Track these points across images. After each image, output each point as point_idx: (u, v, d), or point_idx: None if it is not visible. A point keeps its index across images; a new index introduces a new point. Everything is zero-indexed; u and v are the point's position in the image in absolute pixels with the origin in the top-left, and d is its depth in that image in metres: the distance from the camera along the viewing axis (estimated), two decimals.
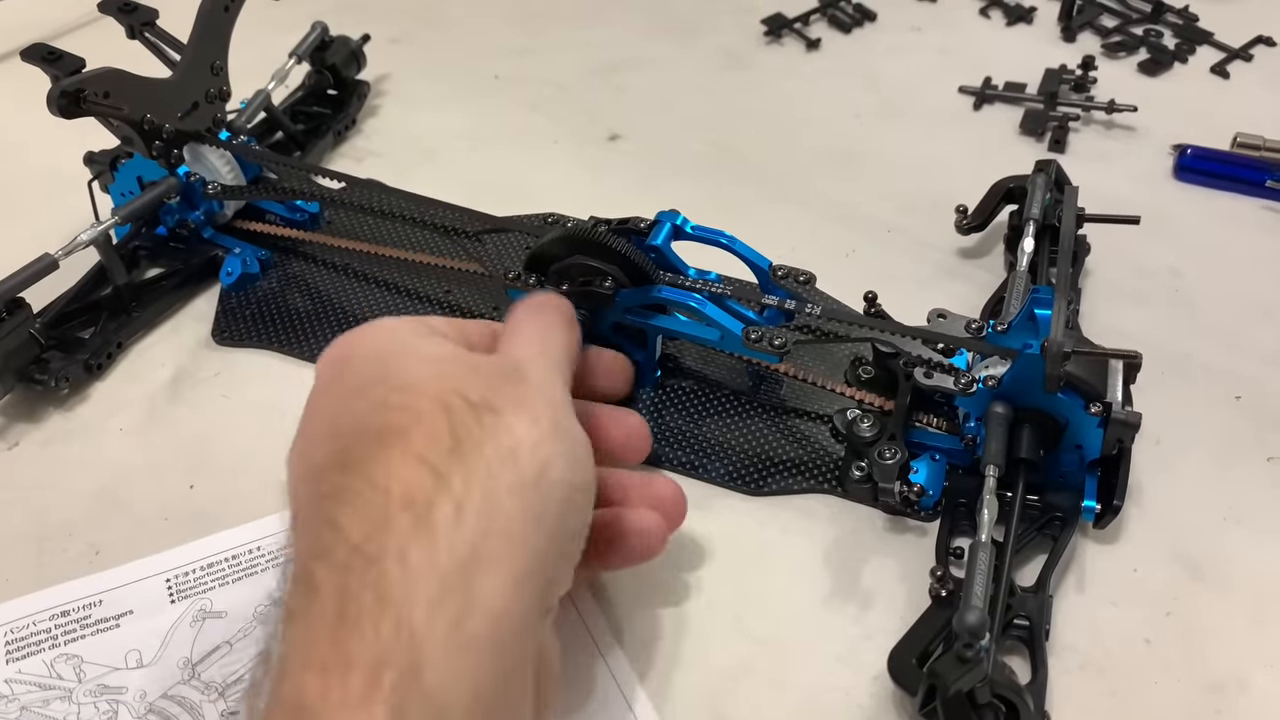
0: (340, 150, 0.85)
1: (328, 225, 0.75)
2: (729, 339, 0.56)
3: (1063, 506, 0.54)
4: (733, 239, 0.59)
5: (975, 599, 0.44)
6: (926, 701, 0.45)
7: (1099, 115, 0.85)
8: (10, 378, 0.61)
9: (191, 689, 0.49)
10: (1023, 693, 0.45)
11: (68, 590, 0.53)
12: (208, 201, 0.70)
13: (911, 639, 0.49)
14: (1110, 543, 0.55)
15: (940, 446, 0.56)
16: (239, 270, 0.70)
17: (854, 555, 0.55)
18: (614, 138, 0.85)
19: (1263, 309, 0.69)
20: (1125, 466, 0.53)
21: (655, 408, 0.62)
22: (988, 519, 0.48)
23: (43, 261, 0.61)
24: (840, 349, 0.63)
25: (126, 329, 0.66)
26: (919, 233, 0.74)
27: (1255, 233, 0.75)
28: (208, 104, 0.70)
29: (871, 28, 0.98)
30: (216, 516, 0.56)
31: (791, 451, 0.59)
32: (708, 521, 0.56)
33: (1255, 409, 0.62)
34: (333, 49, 0.85)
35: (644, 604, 0.53)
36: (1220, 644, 0.51)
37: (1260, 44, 0.93)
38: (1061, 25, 0.97)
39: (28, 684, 0.50)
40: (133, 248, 0.71)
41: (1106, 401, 0.51)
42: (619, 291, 0.57)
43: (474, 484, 0.37)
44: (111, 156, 0.70)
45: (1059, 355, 0.48)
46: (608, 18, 1.01)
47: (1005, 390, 0.52)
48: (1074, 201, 0.63)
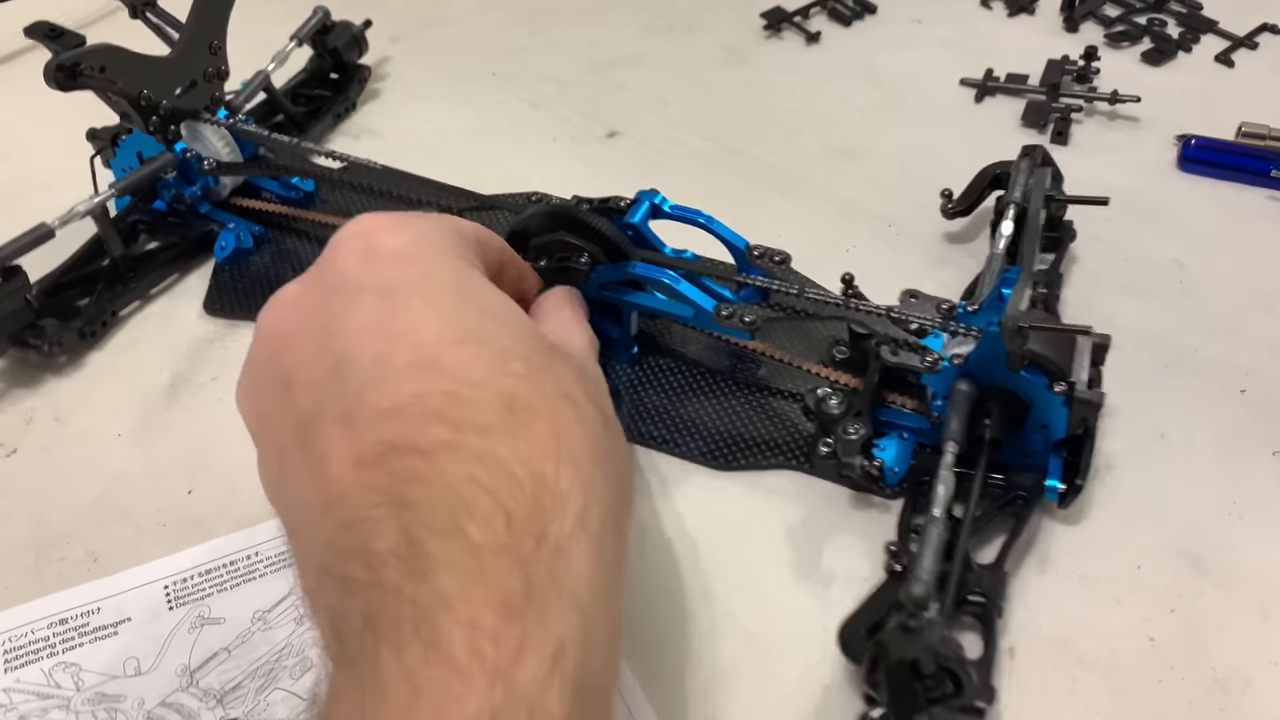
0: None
1: (323, 204, 0.76)
2: (701, 315, 0.58)
3: (1026, 486, 0.54)
4: (710, 218, 0.60)
5: (923, 571, 0.45)
6: (872, 671, 0.46)
7: (1102, 106, 0.84)
8: (4, 341, 0.62)
9: (190, 696, 0.49)
10: (967, 665, 0.44)
11: (66, 598, 0.53)
12: (204, 177, 0.71)
13: (863, 612, 0.50)
14: (1112, 539, 0.55)
15: (909, 426, 0.57)
16: (232, 245, 0.71)
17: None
18: (613, 134, 0.85)
19: (1268, 301, 0.68)
20: (1090, 446, 0.53)
21: (632, 384, 0.63)
22: (943, 494, 0.48)
23: (39, 230, 0.63)
24: (819, 331, 0.64)
25: (122, 299, 0.68)
26: (920, 227, 0.74)
27: (1261, 223, 0.74)
28: (205, 83, 0.71)
29: (872, 20, 0.98)
30: (215, 522, 0.56)
31: (765, 429, 0.60)
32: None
33: (1260, 402, 0.61)
34: (334, 33, 0.87)
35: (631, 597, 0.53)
36: (1225, 641, 0.50)
37: (1265, 32, 0.92)
38: (1064, 15, 0.96)
39: (26, 693, 0.50)
40: (131, 222, 0.72)
41: (1071, 381, 0.51)
42: (595, 267, 0.58)
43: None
44: (113, 133, 0.72)
45: (1014, 330, 0.48)
46: (606, 14, 1.00)
47: (971, 368, 0.53)
48: (1043, 182, 0.64)
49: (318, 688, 0.40)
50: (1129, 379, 0.63)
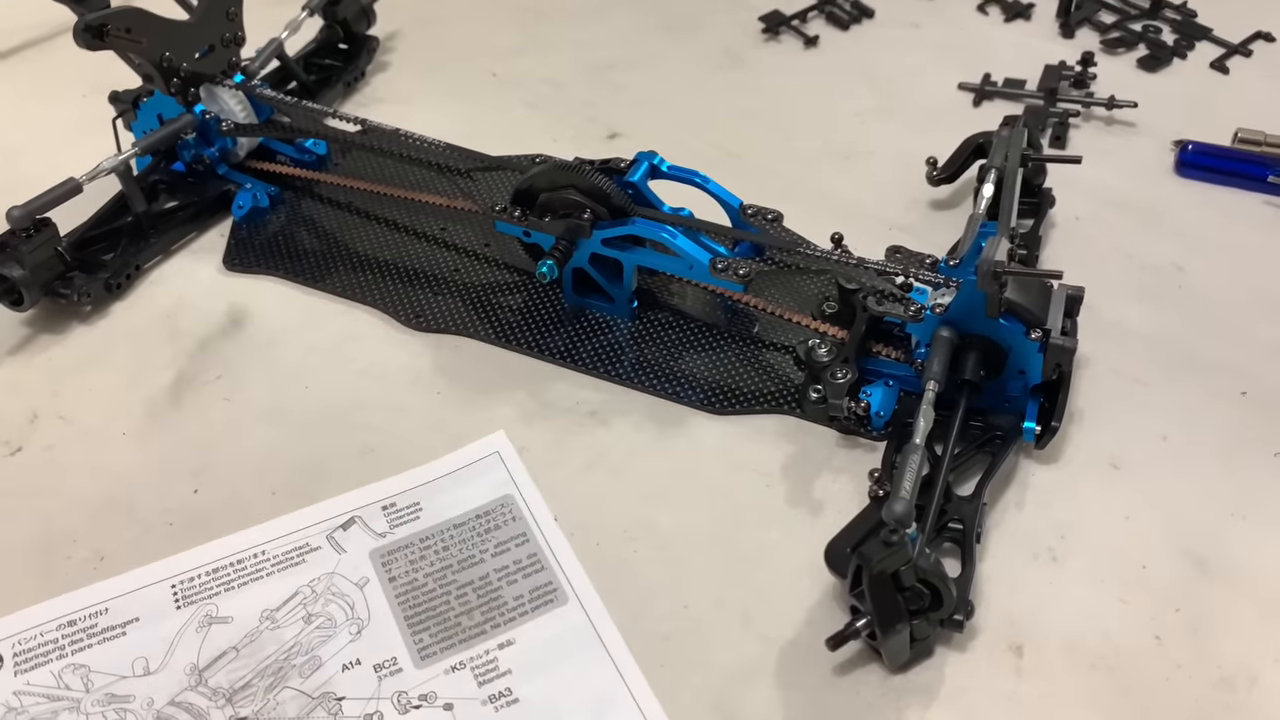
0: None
1: (335, 167, 0.80)
2: (697, 269, 0.62)
3: (1004, 428, 0.58)
4: (706, 178, 0.65)
5: (904, 491, 0.48)
6: (855, 584, 0.48)
7: (1099, 111, 0.85)
8: (37, 290, 0.66)
9: (198, 695, 0.49)
10: (946, 580, 0.48)
11: (74, 599, 0.53)
12: (222, 139, 0.75)
13: (848, 533, 0.54)
14: (1119, 539, 0.55)
15: (894, 374, 0.61)
16: (249, 204, 0.75)
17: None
18: (613, 136, 0.85)
19: (1266, 304, 0.69)
20: (1065, 391, 0.58)
21: (634, 338, 0.67)
22: (923, 425, 0.52)
23: (67, 185, 0.67)
24: (809, 287, 0.69)
25: (145, 253, 0.72)
26: (919, 229, 0.74)
27: (1257, 228, 0.75)
28: (223, 47, 0.74)
29: (870, 24, 0.98)
30: (221, 521, 0.56)
31: (758, 378, 0.64)
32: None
33: (1261, 404, 0.62)
34: (344, 4, 0.89)
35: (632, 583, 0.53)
36: (1229, 640, 0.51)
37: (1259, 39, 0.93)
38: (1060, 21, 0.96)
39: (36, 695, 0.49)
40: (152, 181, 0.76)
41: (1046, 328, 0.55)
42: (596, 223, 0.62)
43: None
44: (134, 96, 0.75)
45: (989, 273, 0.52)
46: (605, 16, 1.00)
47: (952, 316, 0.57)
48: (1020, 142, 0.67)
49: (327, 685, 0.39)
50: (1130, 380, 0.63)
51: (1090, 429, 0.61)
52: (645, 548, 0.56)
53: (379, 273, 0.72)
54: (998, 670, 0.50)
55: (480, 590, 0.54)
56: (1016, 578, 0.54)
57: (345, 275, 0.71)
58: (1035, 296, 0.56)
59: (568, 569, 0.54)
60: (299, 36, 0.85)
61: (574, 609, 0.53)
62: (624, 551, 0.55)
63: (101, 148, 0.72)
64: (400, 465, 0.59)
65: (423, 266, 0.72)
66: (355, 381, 0.65)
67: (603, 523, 0.57)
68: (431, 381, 0.65)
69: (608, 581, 0.54)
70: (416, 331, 0.68)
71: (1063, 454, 0.59)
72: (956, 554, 0.53)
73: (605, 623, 0.52)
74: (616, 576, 0.54)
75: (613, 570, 0.54)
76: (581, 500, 0.58)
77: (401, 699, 0.49)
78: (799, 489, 0.58)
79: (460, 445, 0.60)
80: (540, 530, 0.56)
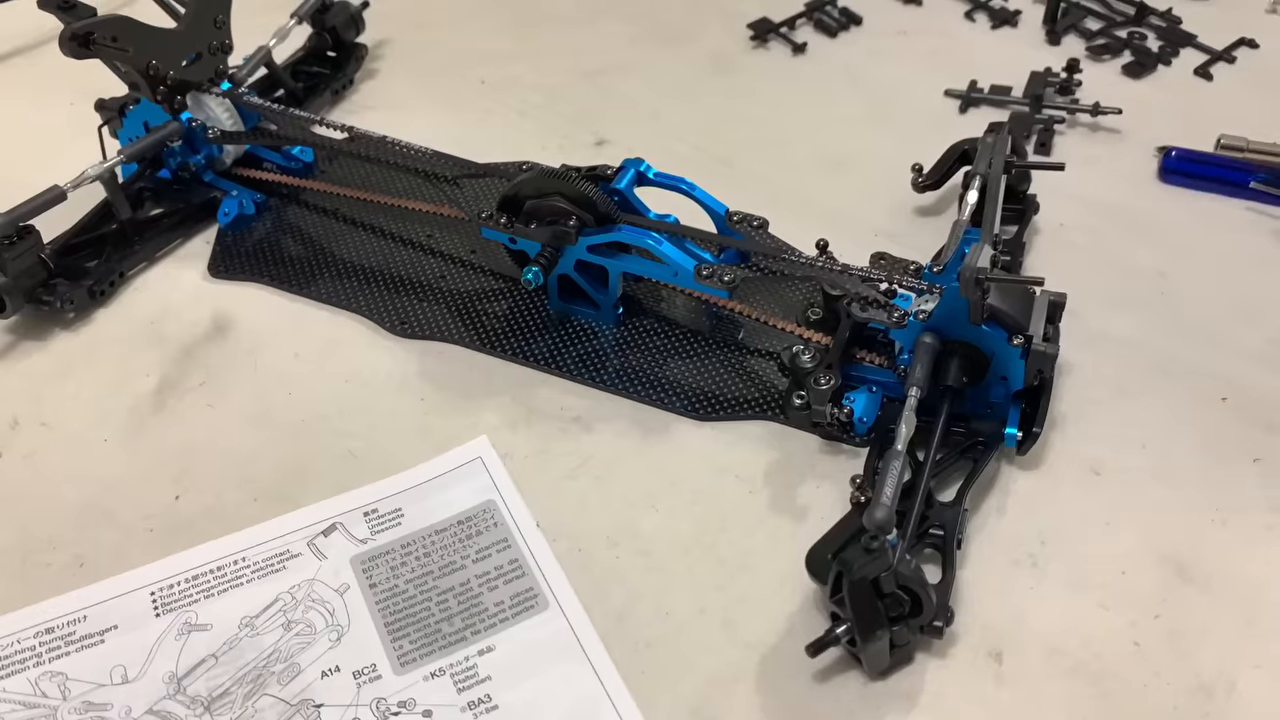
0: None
1: (321, 175, 0.80)
2: (682, 275, 0.62)
3: (986, 434, 0.59)
4: (692, 185, 0.66)
5: (885, 498, 0.48)
6: (836, 590, 0.49)
7: (1084, 118, 0.85)
8: (19, 297, 0.65)
9: (177, 704, 0.49)
10: (927, 586, 0.48)
11: (52, 606, 0.53)
12: (208, 146, 0.75)
13: (829, 539, 0.54)
14: (1100, 545, 0.55)
15: (877, 380, 0.61)
16: (235, 211, 0.75)
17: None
18: (601, 143, 0.85)
19: (1247, 310, 0.69)
20: (1046, 397, 0.58)
21: (619, 345, 0.67)
22: (904, 431, 0.52)
23: (51, 192, 0.66)
24: (794, 294, 0.69)
25: (129, 260, 0.72)
26: (904, 236, 0.75)
27: (1240, 234, 0.75)
28: (210, 55, 0.74)
29: (858, 31, 0.98)
30: (202, 527, 0.56)
31: (742, 383, 0.64)
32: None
33: (1241, 410, 0.62)
34: (333, 12, 0.90)
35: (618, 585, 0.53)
36: (1209, 646, 0.51)
37: (1243, 46, 0.94)
38: (1046, 28, 0.97)
39: (12, 703, 0.49)
40: (138, 188, 0.75)
41: (1028, 335, 0.55)
42: (582, 230, 0.62)
43: None
44: (121, 103, 0.75)
45: (972, 280, 0.52)
46: (595, 24, 1.00)
47: (935, 323, 0.57)
48: (1003, 149, 0.67)
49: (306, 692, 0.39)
50: (1112, 387, 0.64)
51: (1072, 435, 0.61)
52: (627, 554, 0.56)
53: (364, 279, 0.72)
54: (977, 676, 0.50)
55: (461, 596, 0.54)
56: (997, 584, 0.54)
57: (330, 282, 0.72)
58: (1018, 303, 0.56)
59: (549, 575, 0.54)
60: (287, 44, 0.85)
61: (555, 615, 0.53)
62: (606, 558, 0.56)
63: (88, 155, 0.72)
64: (383, 471, 0.59)
65: (408, 273, 0.72)
66: (339, 388, 0.65)
67: (585, 529, 0.57)
68: (416, 387, 0.65)
69: (589, 587, 0.54)
70: (401, 338, 0.68)
71: (1044, 460, 0.59)
72: (937, 560, 0.53)
73: (586, 629, 0.52)
74: (598, 582, 0.54)
75: (594, 576, 0.54)
76: (564, 506, 0.58)
77: (380, 706, 0.49)
78: (782, 495, 0.58)
79: (443, 451, 0.60)
80: (522, 536, 0.56)
